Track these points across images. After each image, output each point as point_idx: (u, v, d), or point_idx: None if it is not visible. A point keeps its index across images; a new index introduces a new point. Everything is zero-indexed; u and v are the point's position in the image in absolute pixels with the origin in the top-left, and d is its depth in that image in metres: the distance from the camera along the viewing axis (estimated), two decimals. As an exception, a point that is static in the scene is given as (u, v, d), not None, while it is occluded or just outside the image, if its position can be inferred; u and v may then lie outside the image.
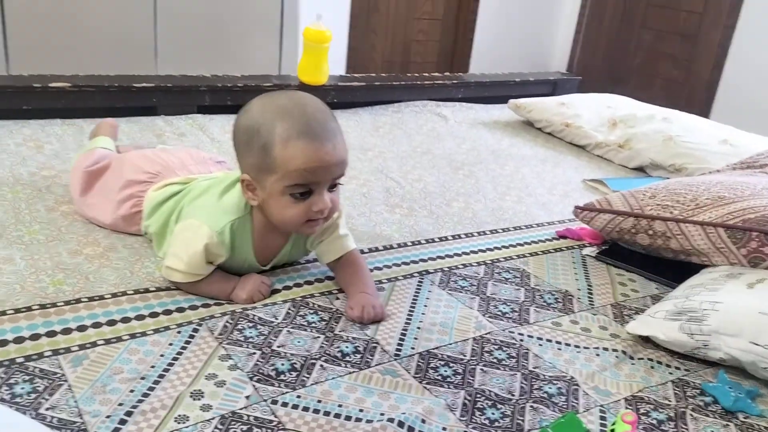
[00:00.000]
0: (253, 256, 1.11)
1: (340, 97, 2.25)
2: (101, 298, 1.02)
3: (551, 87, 2.84)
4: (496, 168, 1.90)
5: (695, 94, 3.68)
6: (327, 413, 0.84)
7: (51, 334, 0.92)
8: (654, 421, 0.89)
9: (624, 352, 1.03)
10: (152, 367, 0.89)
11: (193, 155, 1.30)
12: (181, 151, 1.32)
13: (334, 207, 1.05)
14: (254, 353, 0.94)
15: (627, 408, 0.91)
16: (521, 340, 1.04)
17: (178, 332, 0.97)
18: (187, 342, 0.95)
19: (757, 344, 0.95)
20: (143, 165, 1.22)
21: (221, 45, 2.82)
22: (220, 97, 2.02)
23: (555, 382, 0.94)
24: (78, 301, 1.00)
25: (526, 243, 1.42)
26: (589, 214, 1.40)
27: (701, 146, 1.94)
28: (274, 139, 0.98)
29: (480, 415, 0.86)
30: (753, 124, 2.67)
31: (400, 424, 0.82)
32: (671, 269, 1.29)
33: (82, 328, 0.94)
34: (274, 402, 0.85)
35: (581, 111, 2.28)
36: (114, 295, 1.03)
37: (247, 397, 0.85)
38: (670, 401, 0.94)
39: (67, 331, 0.93)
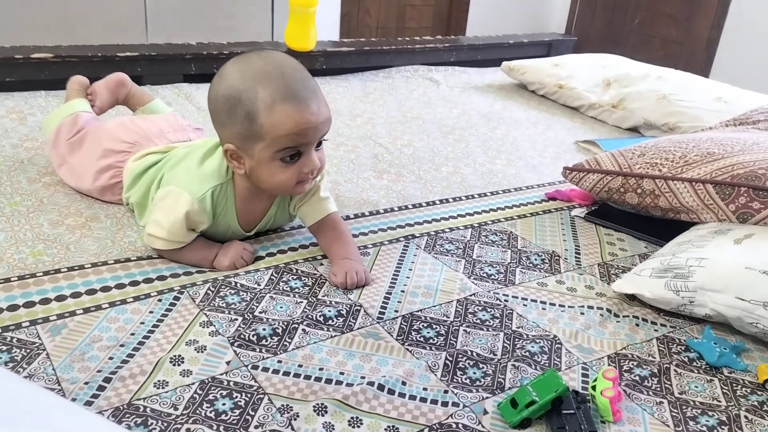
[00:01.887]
0: (237, 222, 1.10)
1: (329, 63, 2.21)
2: (81, 267, 1.01)
3: (546, 48, 2.79)
4: (487, 132, 1.87)
5: (695, 54, 3.62)
6: (308, 377, 0.84)
7: (29, 304, 0.92)
8: (637, 378, 0.89)
9: (609, 311, 1.03)
10: (132, 334, 0.89)
11: (171, 122, 1.28)
12: (159, 118, 1.30)
13: (321, 164, 1.05)
14: (236, 319, 0.94)
15: (609, 365, 0.90)
16: (506, 301, 1.04)
17: (159, 300, 0.96)
18: (168, 309, 0.94)
19: (742, 299, 0.95)
20: (121, 134, 1.21)
21: (213, 14, 2.77)
22: (206, 65, 1.99)
23: (538, 341, 0.94)
24: (57, 271, 1.00)
25: (515, 206, 1.40)
26: (578, 175, 1.38)
27: (695, 104, 1.91)
28: (257, 106, 0.95)
29: (461, 374, 0.86)
30: (753, 82, 2.63)
31: (380, 387, 0.82)
32: (661, 228, 1.28)
33: (60, 298, 0.94)
34: (255, 367, 0.85)
35: (575, 72, 2.24)
36: (94, 265, 1.02)
37: (228, 363, 0.85)
38: (654, 358, 0.93)
39: (45, 302, 0.93)
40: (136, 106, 1.43)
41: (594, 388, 0.82)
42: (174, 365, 0.83)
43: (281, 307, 0.97)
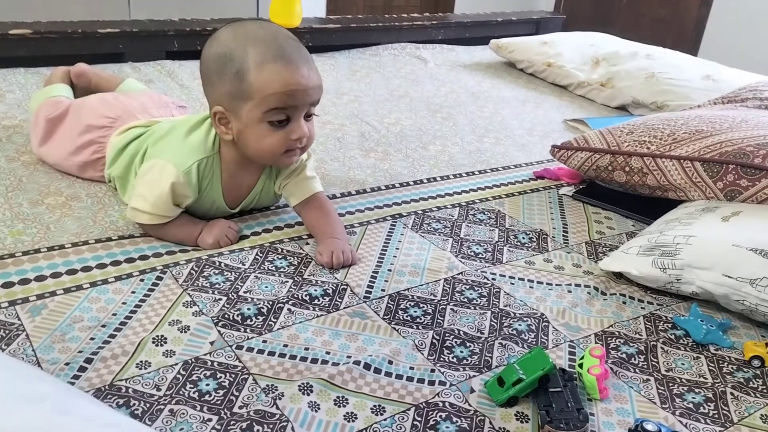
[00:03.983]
0: (222, 197, 1.08)
1: (315, 40, 2.18)
2: (62, 247, 0.99)
3: (535, 26, 2.77)
4: (476, 110, 1.86)
5: (683, 33, 3.61)
6: (293, 357, 0.83)
7: (8, 285, 0.90)
8: (624, 355, 0.88)
9: (596, 289, 1.02)
10: (114, 314, 0.87)
11: (155, 99, 1.25)
12: (142, 95, 1.27)
13: (311, 137, 1.02)
14: (220, 299, 0.92)
15: (596, 343, 0.90)
16: (493, 280, 1.03)
17: (141, 280, 0.95)
18: (151, 289, 0.93)
19: (729, 277, 0.94)
20: (103, 109, 1.18)
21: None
22: (189, 41, 1.95)
23: (525, 319, 0.93)
24: (37, 251, 0.98)
25: (503, 184, 1.39)
26: (566, 153, 1.37)
27: (684, 83, 1.90)
28: (248, 64, 0.94)
29: (448, 353, 0.85)
30: (741, 61, 2.62)
31: (367, 366, 0.81)
32: (648, 206, 1.27)
33: (40, 278, 0.92)
34: (239, 347, 0.83)
35: (564, 50, 2.22)
36: (75, 245, 1.00)
37: (212, 343, 0.84)
38: (641, 335, 0.93)
39: (24, 282, 0.91)
40: (107, 90, 1.39)
41: (581, 365, 0.82)
42: (157, 346, 0.82)
43: (266, 287, 0.96)
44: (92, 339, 0.82)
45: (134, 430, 0.43)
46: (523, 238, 1.17)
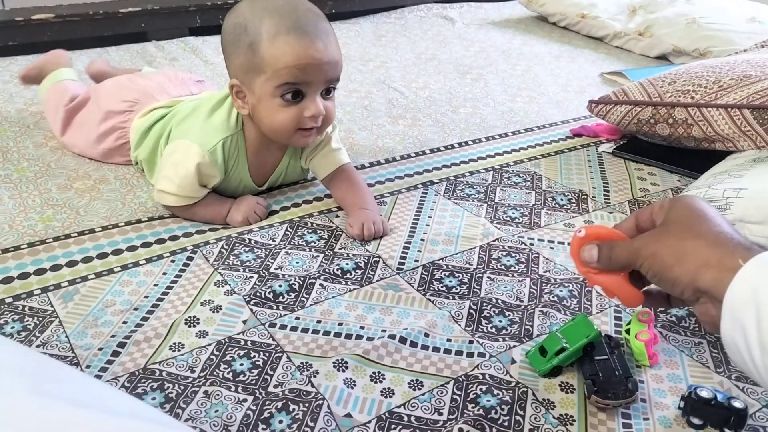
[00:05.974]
0: (249, 175, 1.06)
1: (338, 6, 2.13)
2: (92, 231, 0.99)
3: (566, -22, 2.64)
4: (507, 69, 1.79)
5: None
6: (327, 333, 0.81)
7: (40, 271, 0.90)
8: (673, 318, 0.84)
9: (641, 250, 0.97)
10: (146, 297, 0.86)
11: (171, 77, 1.23)
12: (158, 74, 1.25)
13: (329, 116, 0.98)
14: (251, 277, 0.91)
15: (643, 306, 0.86)
16: (531, 245, 0.99)
17: (172, 261, 0.94)
18: (182, 270, 0.92)
19: (785, 231, 0.88)
20: (120, 93, 1.16)
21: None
22: (211, 16, 1.92)
23: (566, 284, 0.89)
24: (67, 236, 0.97)
25: (538, 144, 1.34)
26: (604, 108, 1.31)
27: (727, 27, 1.80)
28: (261, 36, 0.91)
29: (486, 323, 0.82)
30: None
31: (402, 340, 0.78)
32: (694, 159, 1.21)
33: (72, 264, 0.92)
34: (272, 325, 0.82)
35: (598, 0, 2.12)
36: (105, 228, 1.00)
37: (244, 322, 0.82)
38: (690, 297, 0.88)
39: (56, 268, 0.91)
40: None
41: (628, 331, 0.78)
42: (189, 327, 0.81)
43: (297, 263, 0.94)
44: (125, 323, 0.82)
45: (155, 419, 0.42)
46: (562, 199, 1.12)
